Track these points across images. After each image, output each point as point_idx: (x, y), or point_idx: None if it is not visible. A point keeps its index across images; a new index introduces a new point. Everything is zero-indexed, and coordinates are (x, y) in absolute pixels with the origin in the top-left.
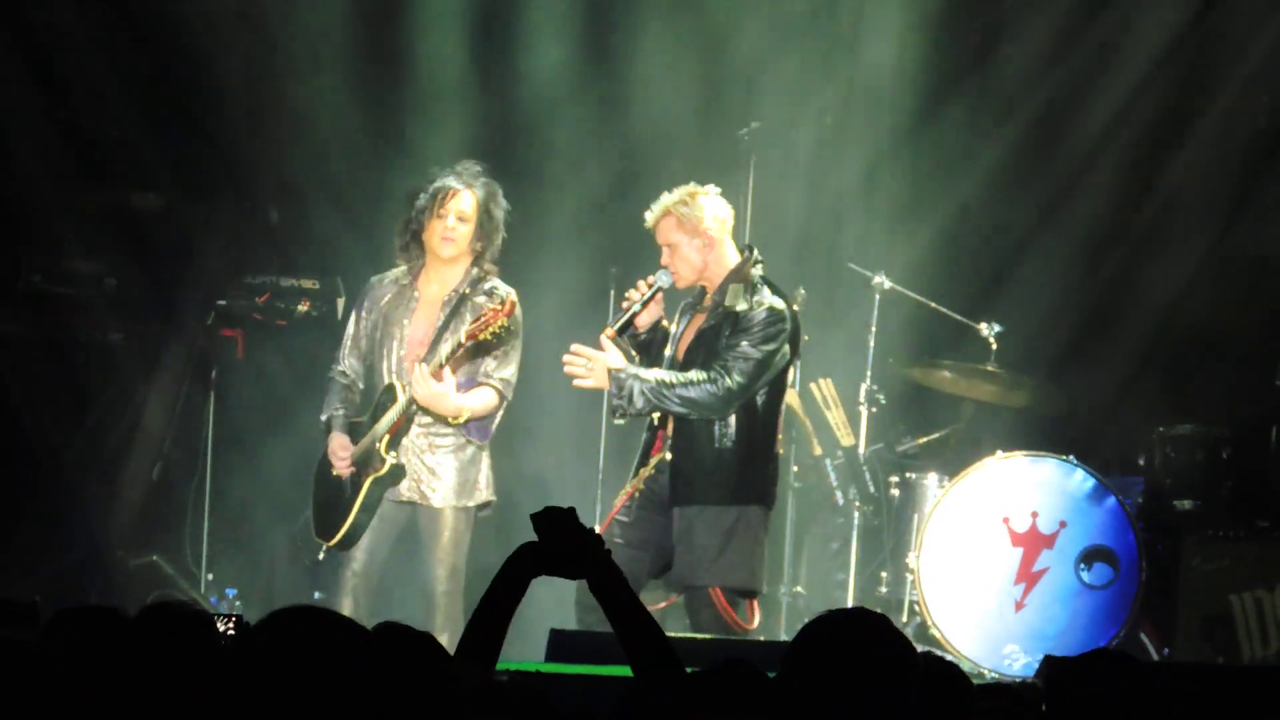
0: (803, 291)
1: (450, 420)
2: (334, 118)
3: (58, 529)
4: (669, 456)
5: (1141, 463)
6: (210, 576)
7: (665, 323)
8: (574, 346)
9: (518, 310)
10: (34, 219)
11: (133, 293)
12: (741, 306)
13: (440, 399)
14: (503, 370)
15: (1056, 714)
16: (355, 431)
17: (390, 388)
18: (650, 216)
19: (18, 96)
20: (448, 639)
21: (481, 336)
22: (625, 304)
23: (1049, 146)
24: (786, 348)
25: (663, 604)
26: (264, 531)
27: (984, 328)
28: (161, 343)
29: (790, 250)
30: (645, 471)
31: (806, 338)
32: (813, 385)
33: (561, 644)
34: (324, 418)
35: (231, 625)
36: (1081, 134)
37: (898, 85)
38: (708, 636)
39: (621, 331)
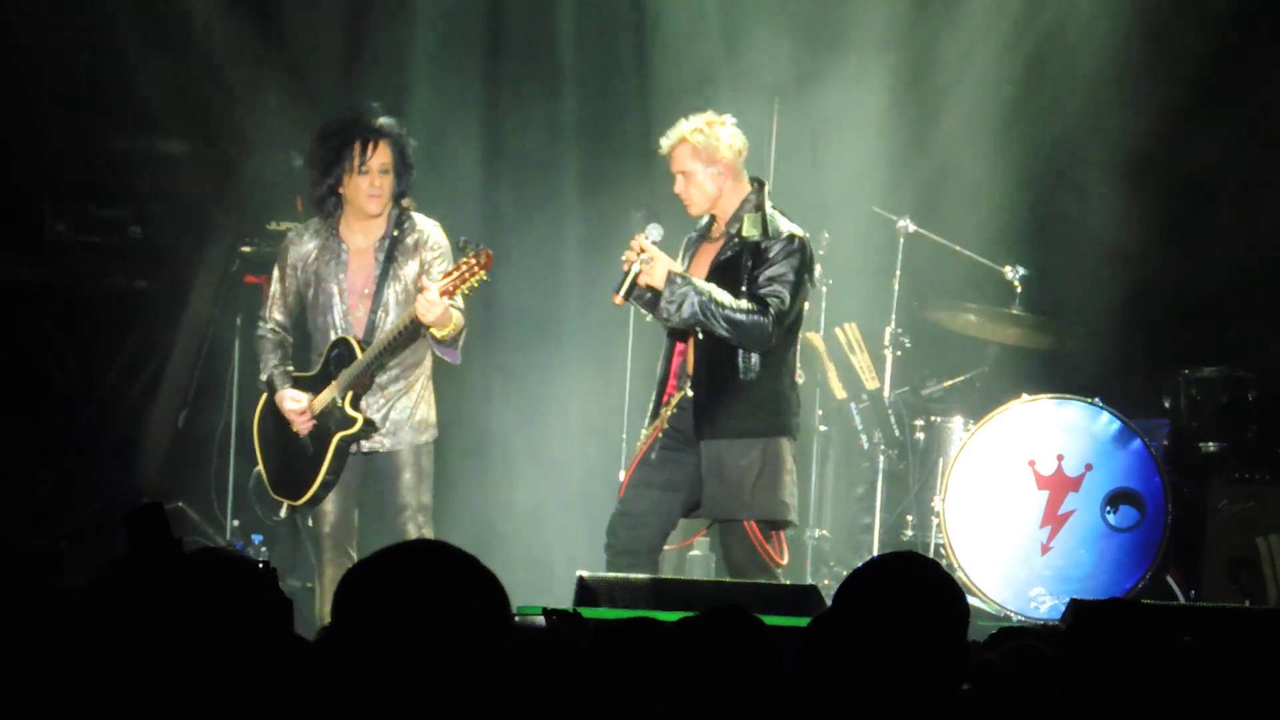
0: (827, 235)
1: (437, 333)
2: (357, 64)
3: (83, 476)
4: (690, 394)
5: (1167, 405)
6: (236, 523)
7: None
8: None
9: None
10: (58, 167)
11: (157, 240)
12: (757, 234)
13: (447, 315)
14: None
15: (1079, 658)
16: (300, 387)
17: (343, 342)
18: (666, 143)
19: (41, 44)
20: None
21: (459, 291)
22: (625, 266)
23: (1068, 84)
24: (807, 275)
25: (692, 539)
26: None
27: (1008, 271)
28: (186, 290)
29: (814, 194)
30: (667, 411)
31: (830, 282)
32: (838, 329)
33: (588, 589)
34: (265, 376)
35: (260, 571)
36: (1100, 71)
37: (919, 26)
38: (736, 581)
39: (628, 295)
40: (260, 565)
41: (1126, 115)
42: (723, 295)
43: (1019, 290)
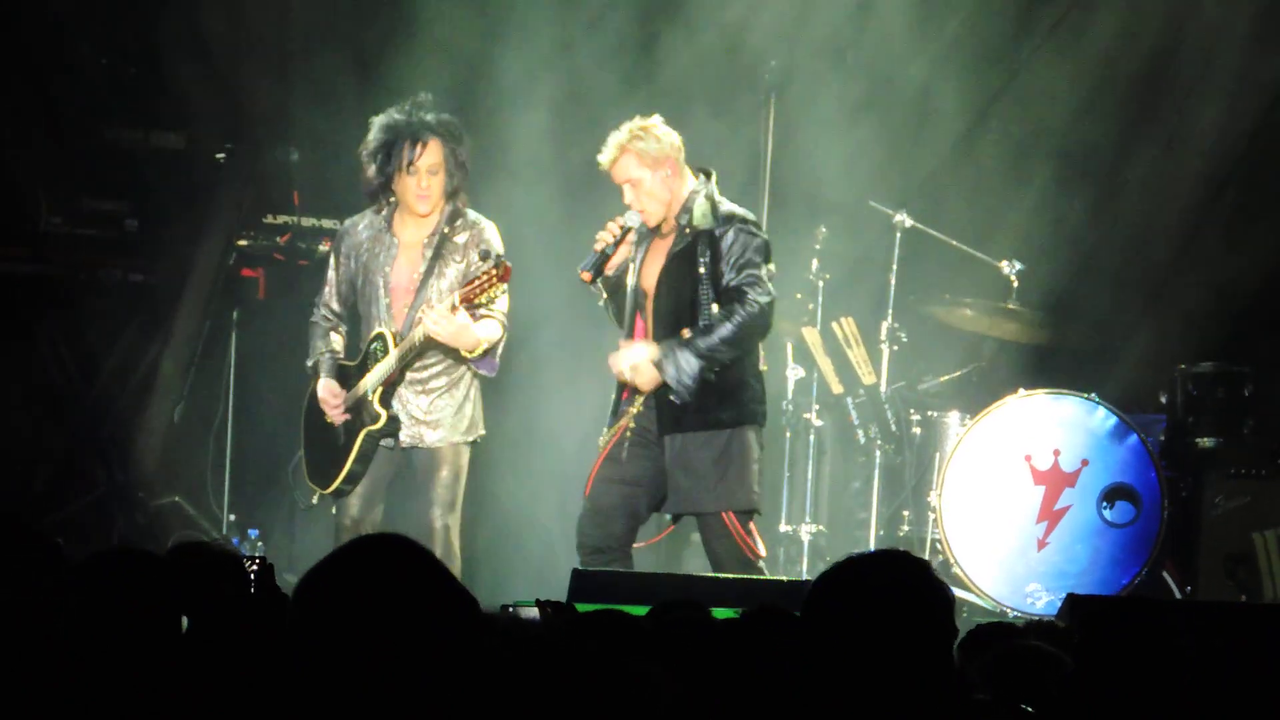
0: (824, 229)
1: (466, 353)
2: (355, 58)
3: (79, 470)
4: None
5: (1163, 400)
6: (232, 517)
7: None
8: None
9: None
10: (54, 160)
11: (153, 233)
12: (710, 223)
13: (463, 333)
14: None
15: (1087, 656)
16: (343, 375)
17: (380, 336)
18: (605, 157)
19: (36, 37)
20: None
21: (476, 301)
22: (598, 245)
23: (1064, 80)
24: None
25: (657, 537)
26: (285, 472)
27: (1005, 265)
28: (182, 283)
29: (811, 188)
30: (633, 409)
31: (827, 276)
32: (834, 324)
33: (583, 583)
34: (310, 362)
35: (255, 566)
36: (1097, 66)
37: (916, 21)
38: (732, 576)
39: (595, 274)
40: (256, 561)
41: (1123, 109)
42: (704, 330)
43: (1015, 285)
